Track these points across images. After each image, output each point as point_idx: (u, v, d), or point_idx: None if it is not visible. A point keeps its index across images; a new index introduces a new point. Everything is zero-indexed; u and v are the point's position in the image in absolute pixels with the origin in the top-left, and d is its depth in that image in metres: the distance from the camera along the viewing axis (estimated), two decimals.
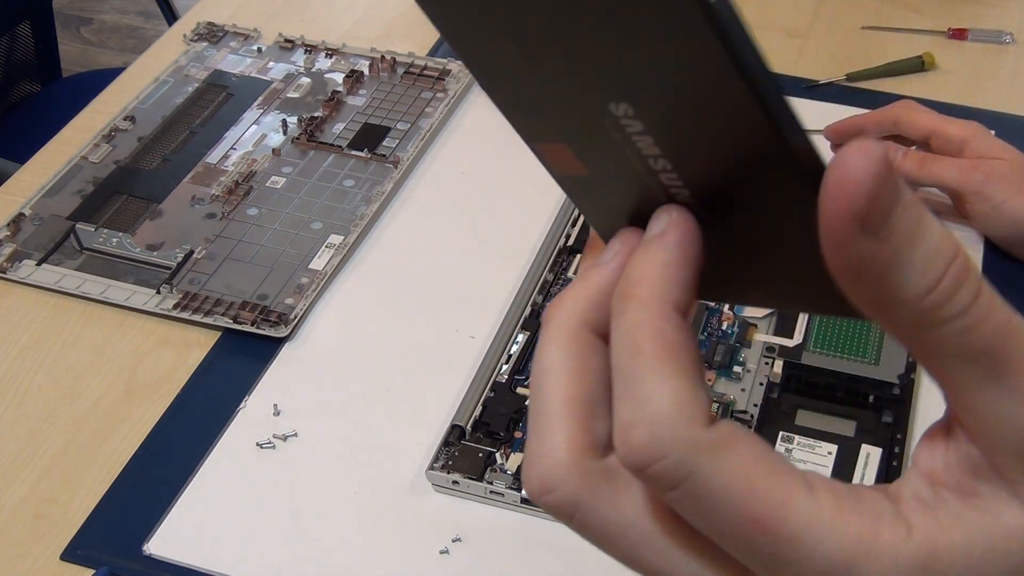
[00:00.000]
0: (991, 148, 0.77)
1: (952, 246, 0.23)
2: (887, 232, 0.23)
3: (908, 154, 0.79)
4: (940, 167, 0.77)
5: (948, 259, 0.23)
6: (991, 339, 0.24)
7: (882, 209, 0.22)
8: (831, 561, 0.24)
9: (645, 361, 0.25)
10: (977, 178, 0.76)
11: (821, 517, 0.24)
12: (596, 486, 0.27)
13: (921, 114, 0.80)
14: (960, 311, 0.23)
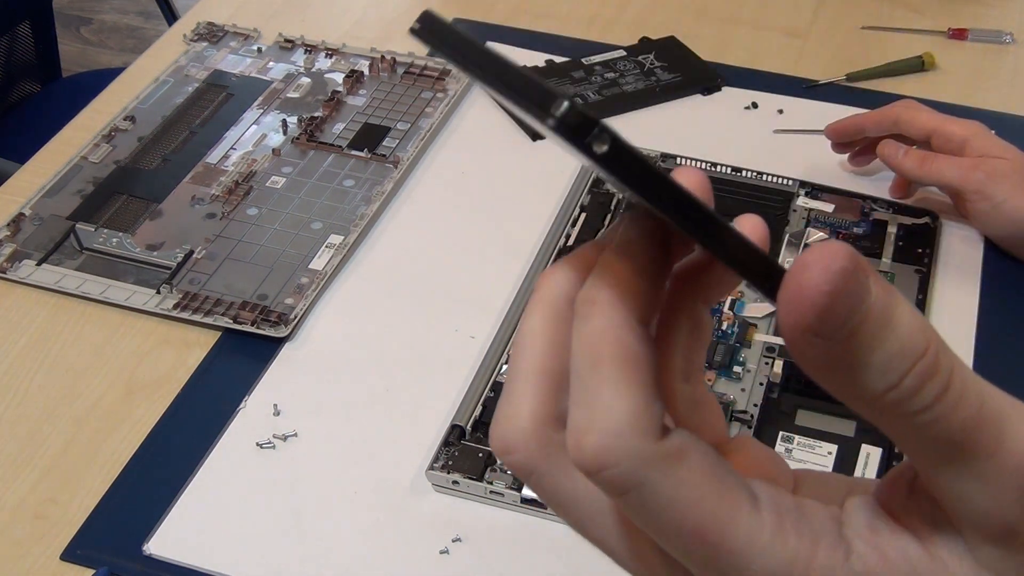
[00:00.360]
0: (992, 147, 0.77)
1: (920, 344, 0.24)
2: (845, 338, 0.23)
3: (909, 153, 0.79)
4: (941, 166, 0.77)
5: (913, 359, 0.24)
6: (956, 432, 0.24)
7: (838, 319, 0.23)
8: (763, 570, 0.25)
9: (603, 370, 0.25)
10: (978, 177, 0.76)
11: (762, 534, 0.25)
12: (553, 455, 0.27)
13: (922, 113, 0.80)
14: (924, 407, 0.24)
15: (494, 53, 0.24)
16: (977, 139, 0.77)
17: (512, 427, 0.28)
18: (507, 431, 0.28)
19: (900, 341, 0.24)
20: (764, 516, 0.25)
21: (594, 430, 0.25)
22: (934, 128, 0.79)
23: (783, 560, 0.25)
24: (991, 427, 0.24)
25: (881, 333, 0.23)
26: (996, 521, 0.25)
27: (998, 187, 0.75)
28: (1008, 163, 0.76)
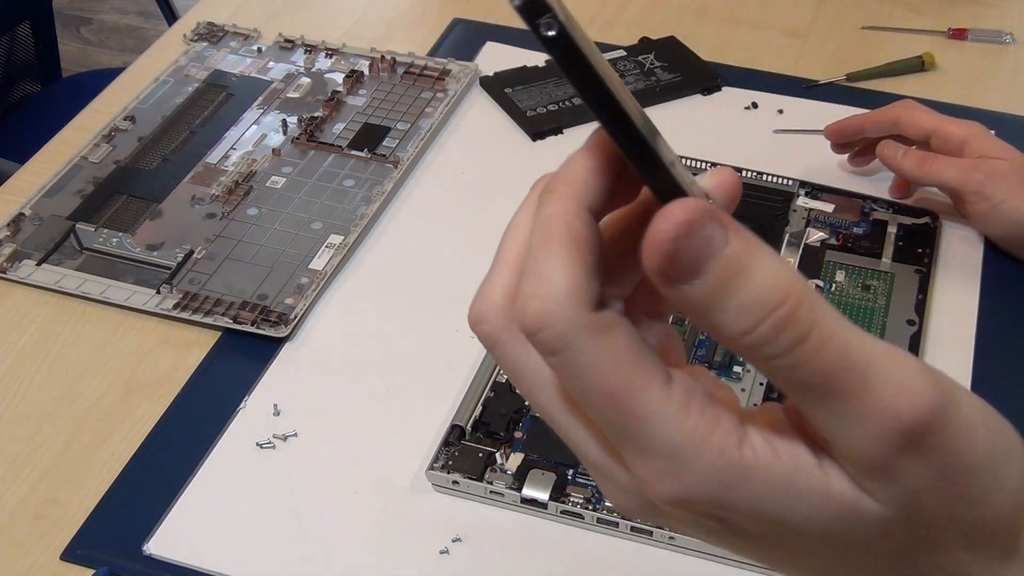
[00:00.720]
0: (991, 148, 0.77)
1: (777, 295, 0.26)
2: (701, 281, 0.26)
3: (908, 153, 0.79)
4: (940, 166, 0.77)
5: (768, 308, 0.26)
6: (815, 377, 0.27)
7: (685, 265, 0.26)
8: (666, 443, 0.28)
9: (551, 247, 0.29)
10: (977, 177, 0.76)
11: (667, 407, 0.28)
12: (514, 328, 0.31)
13: (921, 113, 0.80)
14: (779, 353, 0.27)
15: None
16: (976, 139, 0.77)
17: (485, 302, 0.32)
18: (480, 305, 0.33)
19: (755, 291, 0.26)
20: (673, 393, 0.28)
21: (536, 296, 0.28)
22: (933, 129, 0.79)
23: (682, 433, 0.28)
24: (854, 374, 0.27)
25: (735, 281, 0.26)
26: (866, 457, 0.28)
27: (997, 187, 0.76)
28: (1007, 163, 0.76)
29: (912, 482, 0.28)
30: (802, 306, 0.27)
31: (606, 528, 0.62)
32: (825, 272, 0.76)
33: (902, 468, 0.28)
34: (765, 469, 0.29)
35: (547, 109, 0.93)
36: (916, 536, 0.30)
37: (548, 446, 0.65)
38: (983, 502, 0.29)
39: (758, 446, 0.29)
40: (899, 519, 0.29)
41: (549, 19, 0.27)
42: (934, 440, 0.28)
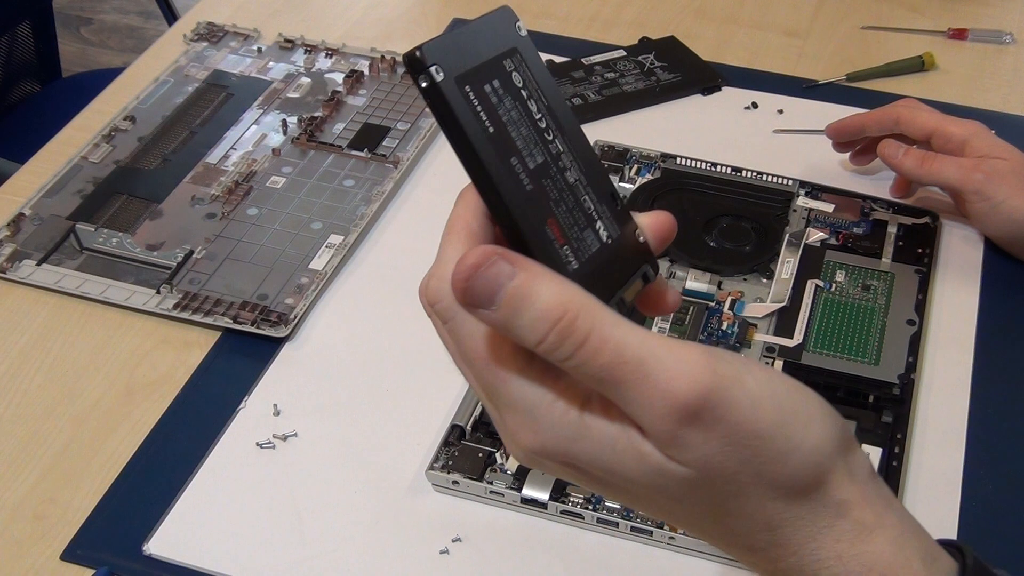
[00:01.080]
0: (992, 148, 0.77)
1: (556, 313, 0.34)
2: (495, 307, 0.35)
3: (909, 152, 0.79)
4: (940, 166, 0.77)
5: (551, 323, 0.34)
6: (601, 371, 0.35)
7: (483, 296, 0.35)
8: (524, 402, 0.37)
9: (451, 237, 0.38)
10: (977, 177, 0.76)
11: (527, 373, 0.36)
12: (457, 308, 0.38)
13: (922, 113, 0.80)
14: (568, 354, 0.35)
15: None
16: (977, 139, 0.77)
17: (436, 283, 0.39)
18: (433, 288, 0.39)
19: (540, 310, 0.34)
20: (535, 362, 0.36)
21: (435, 275, 0.37)
22: (934, 128, 0.79)
23: (537, 394, 0.36)
24: (632, 366, 0.34)
25: (523, 304, 0.34)
26: (657, 431, 0.35)
27: (997, 188, 0.76)
28: (1007, 164, 0.76)
29: (701, 448, 0.35)
30: (579, 317, 0.34)
31: (606, 528, 0.62)
32: (825, 272, 0.76)
33: (689, 438, 0.35)
34: (597, 429, 0.36)
35: None
36: (721, 489, 0.36)
37: None
38: (778, 461, 0.36)
39: (596, 412, 0.36)
40: (701, 478, 0.36)
41: (424, 75, 0.33)
42: (713, 413, 0.35)
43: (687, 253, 0.77)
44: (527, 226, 0.35)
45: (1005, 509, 0.64)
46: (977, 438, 0.67)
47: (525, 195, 0.35)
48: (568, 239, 0.37)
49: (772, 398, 0.36)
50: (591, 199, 0.38)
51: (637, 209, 0.81)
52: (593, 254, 0.38)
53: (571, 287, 0.35)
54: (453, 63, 0.33)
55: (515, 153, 0.35)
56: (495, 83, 0.35)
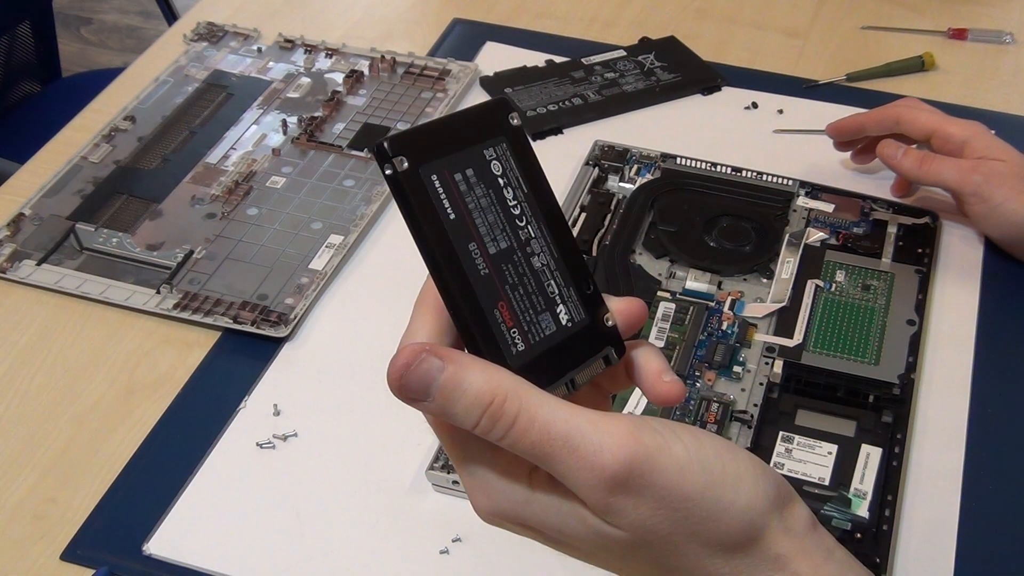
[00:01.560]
0: (991, 148, 0.77)
1: (486, 398, 0.37)
2: (431, 399, 0.38)
3: (908, 153, 0.79)
4: (940, 167, 0.77)
5: (482, 408, 0.38)
6: (532, 448, 0.38)
7: (418, 390, 0.38)
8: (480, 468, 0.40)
9: (420, 309, 0.41)
10: (976, 179, 0.76)
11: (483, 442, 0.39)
12: None
13: (922, 113, 0.80)
14: (501, 435, 0.38)
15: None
16: (977, 140, 0.77)
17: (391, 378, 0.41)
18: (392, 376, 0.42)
19: (470, 398, 0.38)
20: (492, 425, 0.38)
21: (404, 343, 0.39)
22: (934, 128, 0.79)
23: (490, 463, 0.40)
24: (559, 443, 0.37)
25: (454, 394, 0.38)
26: (591, 500, 0.38)
27: (996, 189, 0.76)
28: (1006, 165, 0.76)
29: (633, 513, 0.38)
30: (507, 401, 0.37)
31: None
32: (825, 272, 0.76)
33: (620, 504, 0.38)
34: (542, 496, 0.40)
35: (547, 109, 0.92)
36: (659, 549, 0.39)
37: None
38: (710, 520, 0.38)
39: (541, 480, 0.40)
40: (638, 540, 0.39)
41: (387, 164, 0.36)
42: (640, 481, 0.37)
43: (687, 253, 0.77)
44: (469, 310, 0.38)
45: (1005, 509, 0.64)
46: (977, 438, 0.67)
47: (477, 279, 0.38)
48: (518, 322, 0.39)
49: (700, 462, 0.38)
50: (556, 283, 0.41)
51: (638, 209, 0.81)
52: (546, 336, 0.40)
53: (499, 373, 0.38)
54: (423, 152, 0.36)
55: (475, 239, 0.38)
56: (468, 171, 0.38)
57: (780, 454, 0.64)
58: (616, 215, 0.81)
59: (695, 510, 0.38)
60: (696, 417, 0.66)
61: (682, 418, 0.66)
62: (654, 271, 0.77)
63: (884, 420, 0.66)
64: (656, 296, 0.75)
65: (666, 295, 0.75)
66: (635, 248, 0.79)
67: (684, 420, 0.66)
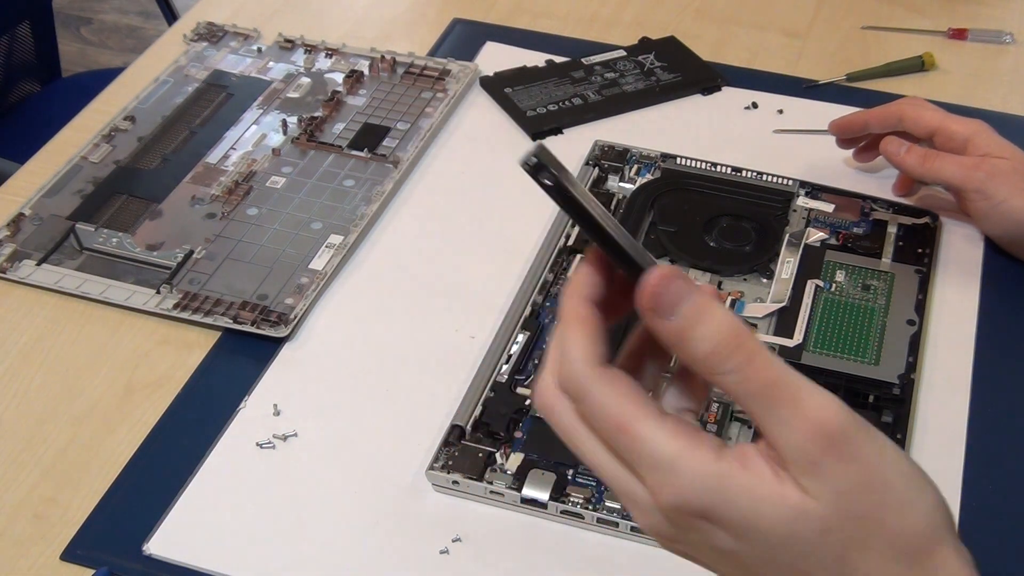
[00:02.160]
0: (994, 146, 0.77)
1: (730, 329, 0.37)
2: (676, 316, 0.38)
3: (911, 150, 0.79)
4: (942, 164, 0.78)
5: (725, 336, 0.37)
6: (759, 387, 0.37)
7: (668, 304, 0.38)
8: (663, 458, 0.38)
9: (567, 329, 0.41)
10: (979, 176, 0.76)
11: (660, 432, 0.38)
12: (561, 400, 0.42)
13: (926, 111, 0.80)
14: (732, 369, 0.37)
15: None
16: (979, 137, 0.77)
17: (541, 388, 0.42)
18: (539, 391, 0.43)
19: (715, 325, 0.37)
20: (665, 422, 0.39)
21: (563, 361, 0.40)
22: (937, 126, 0.79)
23: (672, 449, 0.38)
24: (787, 390, 0.37)
25: (700, 318, 0.37)
26: (800, 453, 0.37)
27: (998, 187, 0.76)
28: (1009, 163, 0.76)
29: (837, 480, 0.37)
30: (748, 339, 0.37)
31: (606, 528, 0.62)
32: (825, 272, 0.76)
33: (828, 467, 0.37)
34: (735, 476, 0.38)
35: (547, 109, 0.93)
36: (848, 535, 0.37)
37: (548, 446, 0.65)
38: (900, 513, 0.38)
39: (730, 459, 0.38)
40: (833, 515, 0.37)
41: (546, 175, 0.40)
42: (851, 448, 0.37)
43: (687, 253, 0.77)
44: (645, 267, 0.40)
45: (1005, 509, 0.64)
46: (977, 438, 0.67)
47: (638, 250, 0.40)
48: None
49: (895, 451, 0.38)
50: None
51: (638, 209, 0.81)
52: None
53: (735, 316, 0.38)
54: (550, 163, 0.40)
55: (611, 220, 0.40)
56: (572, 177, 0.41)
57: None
58: (616, 215, 0.81)
59: (889, 495, 0.37)
60: (696, 417, 0.66)
61: None
62: None
63: (884, 420, 0.66)
64: None
65: None
66: None
67: None
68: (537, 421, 0.66)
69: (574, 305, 0.41)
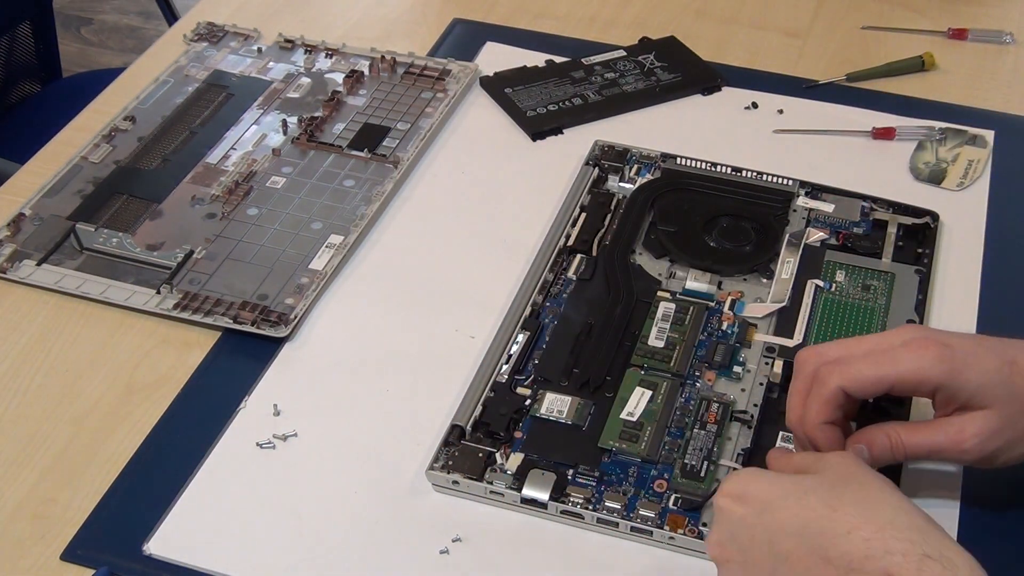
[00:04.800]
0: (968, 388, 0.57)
1: None
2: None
3: (875, 444, 0.59)
4: (915, 450, 0.59)
5: None
6: None
7: None
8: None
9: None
10: (968, 447, 0.57)
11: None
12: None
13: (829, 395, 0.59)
14: None
15: None
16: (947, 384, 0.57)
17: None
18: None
19: None
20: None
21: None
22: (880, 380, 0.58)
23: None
24: None
25: None
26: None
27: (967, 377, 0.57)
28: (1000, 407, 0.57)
29: None
30: None
31: (606, 528, 0.62)
32: (825, 272, 0.76)
33: None
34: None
35: (547, 109, 0.92)
36: None
37: (548, 446, 0.65)
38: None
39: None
40: None
41: None
42: None
43: (687, 253, 0.77)
44: None
45: (1005, 509, 0.64)
46: None
47: None
48: None
49: None
50: None
51: (638, 209, 0.81)
52: None
53: None
54: None
55: None
56: None
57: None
58: (616, 215, 0.81)
59: None
60: (696, 417, 0.66)
61: (682, 418, 0.66)
62: (654, 271, 0.77)
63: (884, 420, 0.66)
64: (656, 296, 0.75)
65: (666, 295, 0.75)
66: (635, 248, 0.79)
67: (684, 420, 0.66)
68: (537, 421, 0.66)
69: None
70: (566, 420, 0.66)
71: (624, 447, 0.64)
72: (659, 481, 0.63)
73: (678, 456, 0.64)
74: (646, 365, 0.70)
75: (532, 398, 0.68)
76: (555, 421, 0.66)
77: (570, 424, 0.66)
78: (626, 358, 0.70)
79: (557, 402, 0.67)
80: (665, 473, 0.64)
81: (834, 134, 0.90)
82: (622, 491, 0.63)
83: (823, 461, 0.54)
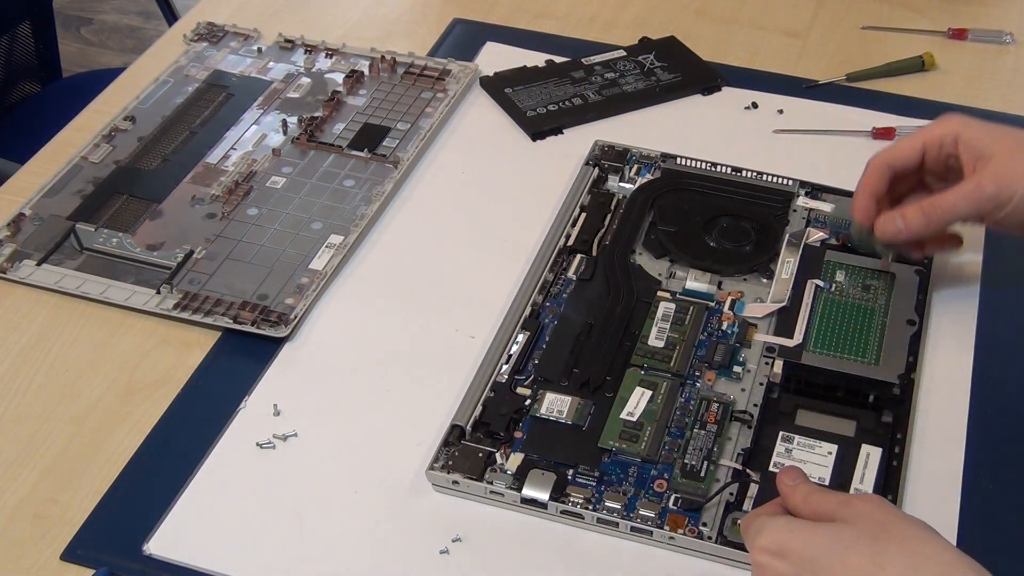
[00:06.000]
0: (982, 137, 0.70)
1: None
2: None
3: (906, 215, 0.70)
4: (947, 206, 0.68)
5: None
6: None
7: None
8: None
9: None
10: (988, 193, 0.67)
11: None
12: None
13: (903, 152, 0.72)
14: None
15: None
16: (966, 132, 0.71)
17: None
18: None
19: None
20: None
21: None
22: (924, 147, 0.71)
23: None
24: None
25: None
26: None
27: (1009, 187, 0.67)
28: (1007, 149, 0.69)
29: None
30: None
31: (606, 528, 0.62)
32: (825, 272, 0.76)
33: None
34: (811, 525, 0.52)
35: (547, 109, 0.93)
36: None
37: (548, 446, 0.65)
38: None
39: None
40: None
41: None
42: None
43: (687, 253, 0.77)
44: None
45: (1005, 509, 0.64)
46: (977, 438, 0.67)
47: None
48: None
49: None
50: None
51: (638, 209, 0.81)
52: None
53: None
54: None
55: None
56: None
57: (780, 454, 0.64)
58: (616, 215, 0.81)
59: None
60: (696, 417, 0.66)
61: (682, 418, 0.66)
62: (654, 271, 0.77)
63: (884, 420, 0.66)
64: (656, 296, 0.75)
65: (666, 295, 0.75)
66: (635, 248, 0.79)
67: (684, 420, 0.66)
68: (537, 421, 0.66)
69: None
70: (566, 420, 0.66)
71: (624, 447, 0.64)
72: (659, 481, 0.63)
73: (678, 456, 0.64)
74: (646, 365, 0.70)
75: (532, 398, 0.68)
76: (555, 421, 0.66)
77: (570, 424, 0.66)
78: (626, 358, 0.70)
79: (557, 402, 0.67)
80: (665, 473, 0.64)
81: (834, 134, 0.90)
82: (622, 491, 0.63)
83: (851, 507, 0.52)
